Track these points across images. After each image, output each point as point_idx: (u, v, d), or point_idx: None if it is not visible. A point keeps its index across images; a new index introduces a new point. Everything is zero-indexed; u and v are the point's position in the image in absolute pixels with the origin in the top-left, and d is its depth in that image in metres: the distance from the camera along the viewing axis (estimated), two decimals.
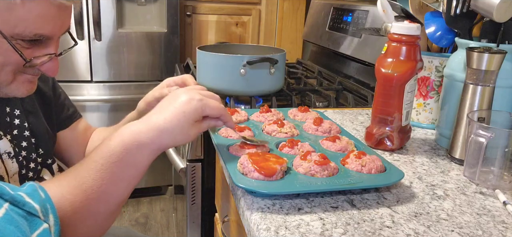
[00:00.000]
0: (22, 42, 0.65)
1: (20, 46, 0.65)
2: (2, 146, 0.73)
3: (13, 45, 0.63)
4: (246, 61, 1.24)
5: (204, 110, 0.67)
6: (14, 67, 0.67)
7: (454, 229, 0.58)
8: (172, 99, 0.67)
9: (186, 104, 0.65)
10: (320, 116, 0.94)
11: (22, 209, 0.48)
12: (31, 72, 0.70)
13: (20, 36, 0.63)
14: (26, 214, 0.48)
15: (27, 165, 0.78)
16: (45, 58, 0.69)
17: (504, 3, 0.81)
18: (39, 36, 0.65)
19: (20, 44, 0.65)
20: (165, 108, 0.66)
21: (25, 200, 0.49)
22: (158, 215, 2.44)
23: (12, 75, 0.68)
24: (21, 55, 0.65)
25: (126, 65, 2.21)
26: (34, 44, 0.66)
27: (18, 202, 0.48)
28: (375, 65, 0.85)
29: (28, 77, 0.71)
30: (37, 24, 0.64)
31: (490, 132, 0.69)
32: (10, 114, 0.77)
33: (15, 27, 0.62)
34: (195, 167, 1.24)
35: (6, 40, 0.63)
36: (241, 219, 0.65)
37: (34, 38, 0.65)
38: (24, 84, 0.71)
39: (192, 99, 0.66)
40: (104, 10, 2.08)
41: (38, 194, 0.51)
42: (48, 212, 0.51)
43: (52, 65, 0.70)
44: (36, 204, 0.50)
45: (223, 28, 2.45)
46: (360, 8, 1.63)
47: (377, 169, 0.69)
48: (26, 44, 0.65)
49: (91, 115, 2.23)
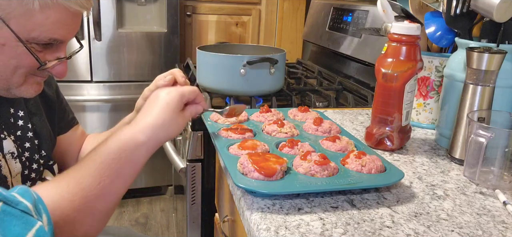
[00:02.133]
0: (36, 45, 0.67)
1: (34, 50, 0.67)
2: (6, 146, 0.74)
3: (29, 49, 0.66)
4: (246, 61, 1.24)
5: (183, 95, 0.72)
6: (27, 70, 0.69)
7: (454, 229, 0.58)
8: (154, 98, 0.72)
9: (167, 96, 0.71)
10: (320, 116, 0.94)
11: (15, 208, 0.49)
12: (42, 74, 0.73)
13: (35, 40, 0.66)
14: (20, 213, 0.49)
15: (30, 166, 0.79)
16: (56, 61, 0.71)
17: (504, 3, 0.81)
18: (54, 41, 0.68)
19: (34, 48, 0.67)
20: (151, 108, 0.70)
21: (18, 200, 0.49)
22: (158, 215, 2.44)
23: (24, 77, 0.70)
24: (37, 59, 0.68)
25: (126, 65, 2.21)
26: (46, 47, 0.69)
27: (11, 201, 0.49)
28: (375, 65, 0.85)
29: (37, 79, 0.73)
30: (53, 29, 0.66)
31: (490, 132, 0.69)
32: (14, 115, 0.78)
33: (32, 31, 0.65)
34: (195, 167, 1.24)
35: (23, 44, 0.65)
36: (241, 219, 0.65)
37: (48, 42, 0.68)
38: (33, 86, 0.73)
39: (170, 91, 0.72)
40: (104, 10, 2.08)
41: (30, 194, 0.52)
42: (41, 212, 0.52)
43: (62, 68, 0.73)
44: (28, 202, 0.50)
45: (223, 28, 2.45)
46: (360, 8, 1.63)
47: (377, 169, 0.69)
48: (39, 48, 0.68)
49: (91, 115, 2.23)
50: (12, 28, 0.63)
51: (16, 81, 0.70)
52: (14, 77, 0.69)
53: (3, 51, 0.65)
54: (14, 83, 0.70)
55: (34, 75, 0.72)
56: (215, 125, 0.90)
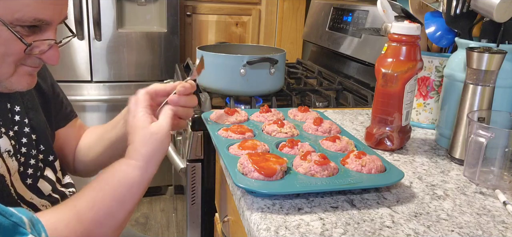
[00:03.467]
0: (21, 28, 0.64)
1: (20, 34, 0.64)
2: (2, 145, 0.73)
3: (13, 31, 0.63)
4: (246, 61, 1.24)
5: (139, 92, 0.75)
6: (16, 57, 0.67)
7: (454, 229, 0.58)
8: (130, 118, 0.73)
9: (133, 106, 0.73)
10: (320, 116, 0.94)
11: (8, 219, 0.48)
12: (31, 62, 0.70)
13: (19, 22, 0.63)
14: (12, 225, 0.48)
15: (26, 162, 0.78)
16: (45, 46, 0.69)
17: (504, 3, 0.81)
18: (39, 21, 0.65)
19: (20, 31, 0.64)
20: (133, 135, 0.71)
21: (12, 212, 0.49)
22: (158, 215, 2.44)
23: (14, 66, 0.68)
24: (21, 40, 0.64)
25: (126, 65, 2.21)
26: (33, 31, 0.66)
27: (5, 212, 0.48)
28: (375, 65, 0.85)
29: (29, 70, 0.71)
30: (37, 9, 0.64)
31: (490, 132, 0.69)
32: (11, 110, 0.77)
33: (15, 12, 0.62)
34: (195, 167, 1.24)
35: (7, 27, 0.63)
36: (241, 219, 0.65)
37: (34, 24, 0.65)
38: (25, 77, 0.71)
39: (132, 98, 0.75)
40: (104, 10, 2.08)
41: (28, 212, 0.52)
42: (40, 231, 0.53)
43: (52, 53, 0.70)
44: (24, 216, 0.50)
45: (223, 28, 2.45)
46: (360, 8, 1.63)
47: (377, 169, 0.69)
48: (26, 31, 0.65)
49: (91, 115, 2.23)
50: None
51: (6, 71, 0.67)
52: (2, 66, 0.66)
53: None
54: (4, 73, 0.67)
55: (24, 65, 0.69)
56: (215, 125, 0.90)
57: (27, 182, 0.78)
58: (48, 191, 0.82)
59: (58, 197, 0.84)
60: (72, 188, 0.92)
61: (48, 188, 0.82)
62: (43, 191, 0.81)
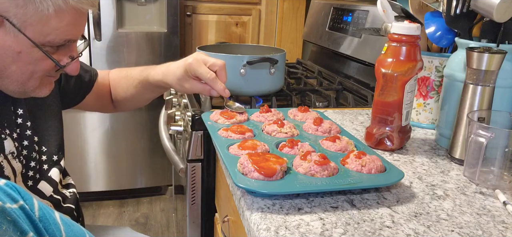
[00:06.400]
0: (50, 48, 0.69)
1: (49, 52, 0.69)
2: (7, 146, 0.74)
3: (47, 53, 0.68)
4: (246, 61, 1.24)
5: None
6: (43, 73, 0.72)
7: (454, 229, 0.58)
8: None
9: None
10: (320, 116, 0.94)
11: None
12: (56, 74, 0.75)
13: (50, 44, 0.68)
14: None
15: (27, 164, 0.79)
16: (69, 59, 0.74)
17: (504, 3, 0.81)
18: (68, 41, 0.70)
19: (49, 50, 0.69)
20: None
21: None
22: (158, 215, 2.44)
23: (40, 80, 0.72)
24: (55, 62, 0.70)
25: (126, 65, 2.20)
26: (59, 48, 0.71)
27: None
28: (375, 65, 0.85)
29: (51, 79, 0.76)
30: (67, 31, 0.68)
31: (490, 132, 0.69)
32: (15, 113, 0.78)
33: (47, 36, 0.66)
34: (195, 167, 1.24)
35: (39, 49, 0.67)
36: (241, 219, 0.65)
37: (62, 43, 0.70)
38: (47, 86, 0.76)
39: None
40: (104, 10, 2.08)
41: None
42: None
43: (75, 65, 0.76)
44: None
45: (223, 28, 2.45)
46: (360, 8, 1.63)
47: (377, 169, 0.69)
48: (53, 50, 0.70)
49: (91, 115, 2.22)
50: (28, 36, 0.65)
51: (32, 84, 0.72)
52: (30, 81, 0.71)
53: (19, 58, 0.67)
54: (30, 86, 0.72)
55: (49, 76, 0.74)
56: (215, 125, 0.90)
57: (28, 184, 0.78)
58: (49, 192, 0.83)
59: (59, 198, 0.85)
60: (73, 188, 0.92)
61: (49, 190, 0.83)
62: (44, 192, 0.81)
